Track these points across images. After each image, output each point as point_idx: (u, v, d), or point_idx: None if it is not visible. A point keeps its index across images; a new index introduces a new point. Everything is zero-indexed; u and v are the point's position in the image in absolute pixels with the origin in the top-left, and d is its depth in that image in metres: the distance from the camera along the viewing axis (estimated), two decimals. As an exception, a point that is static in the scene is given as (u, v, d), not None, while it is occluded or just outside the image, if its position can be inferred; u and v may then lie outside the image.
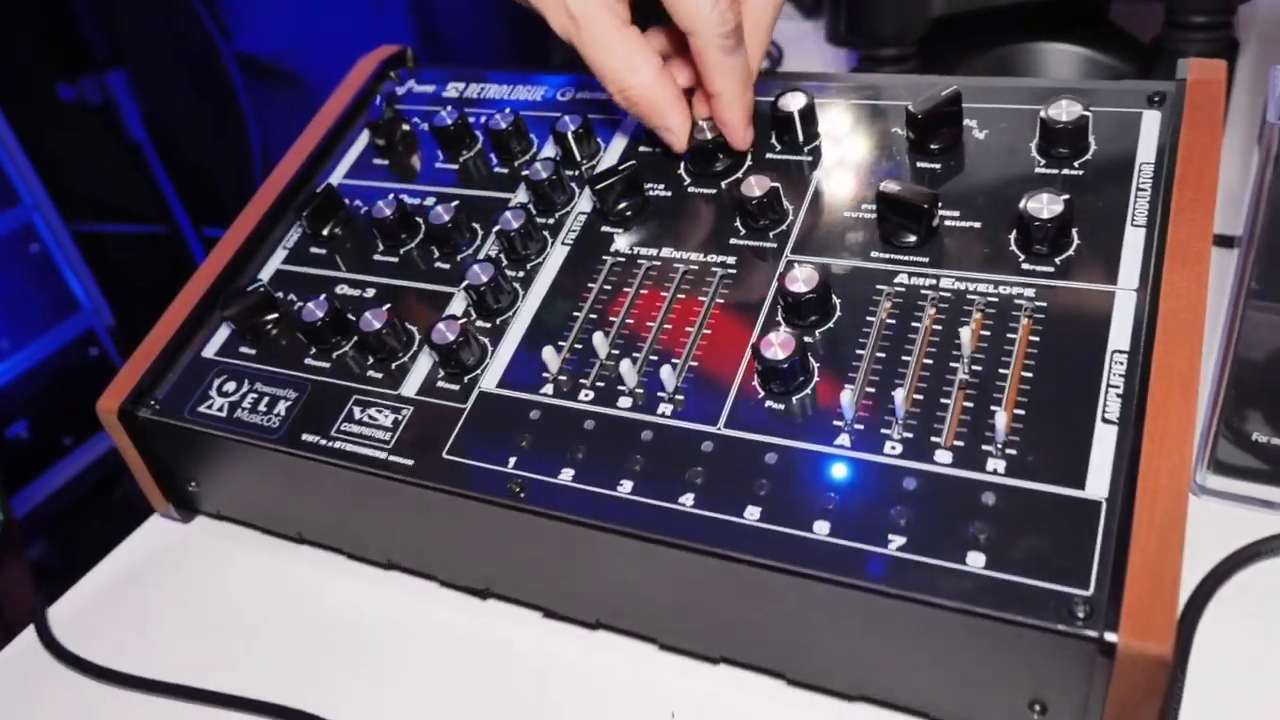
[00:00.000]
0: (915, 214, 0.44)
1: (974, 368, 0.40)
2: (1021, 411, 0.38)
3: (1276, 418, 0.44)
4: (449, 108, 0.57)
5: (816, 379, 0.41)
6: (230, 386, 0.50)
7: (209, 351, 0.52)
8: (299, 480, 0.48)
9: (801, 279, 0.42)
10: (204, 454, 0.51)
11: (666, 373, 0.43)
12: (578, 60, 0.49)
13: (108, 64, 1.83)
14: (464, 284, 0.48)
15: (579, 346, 0.46)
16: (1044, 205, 0.41)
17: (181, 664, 0.47)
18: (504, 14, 1.47)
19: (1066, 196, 0.41)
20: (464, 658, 0.46)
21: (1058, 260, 0.42)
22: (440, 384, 0.47)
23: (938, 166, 0.47)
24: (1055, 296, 0.41)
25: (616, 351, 0.45)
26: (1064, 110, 0.44)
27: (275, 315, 0.52)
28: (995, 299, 0.42)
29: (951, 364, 0.40)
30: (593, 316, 0.47)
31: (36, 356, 1.85)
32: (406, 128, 0.60)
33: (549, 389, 0.45)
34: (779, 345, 0.40)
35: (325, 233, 0.56)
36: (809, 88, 0.51)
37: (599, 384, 0.44)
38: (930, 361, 0.40)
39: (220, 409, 0.49)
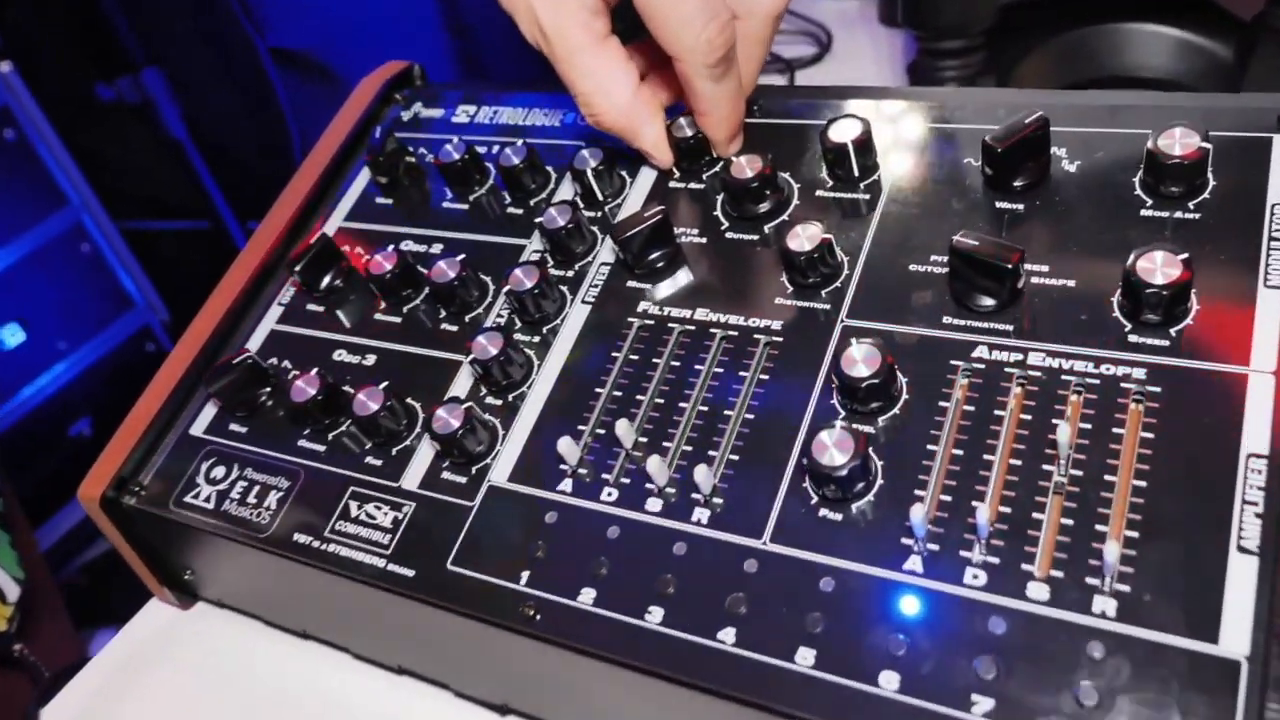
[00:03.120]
0: (996, 273, 0.36)
1: (1073, 471, 0.33)
2: (1134, 533, 0.31)
3: None
4: (456, 140, 0.51)
5: (880, 481, 0.35)
6: (219, 473, 0.45)
7: (197, 429, 0.47)
8: (296, 581, 0.43)
9: (861, 359, 0.35)
10: (196, 546, 0.46)
11: (701, 472, 0.36)
12: None
13: (143, 63, 1.82)
14: (469, 358, 0.42)
15: (601, 433, 0.40)
16: (1158, 267, 0.34)
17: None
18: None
19: (1185, 256, 0.34)
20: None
21: (1173, 331, 0.34)
22: (445, 475, 0.41)
23: (1021, 208, 0.40)
24: (1172, 378, 0.33)
25: (644, 439, 0.39)
26: (1178, 141, 0.37)
27: (268, 388, 0.47)
28: (1097, 380, 0.34)
29: (1045, 466, 0.33)
30: (616, 394, 0.41)
31: (94, 355, 1.86)
32: (411, 159, 0.54)
33: (567, 485, 0.39)
34: (835, 447, 0.34)
35: (324, 286, 0.50)
36: (863, 109, 0.44)
37: (624, 480, 0.38)
38: (1018, 462, 0.33)
39: (208, 499, 0.44)
